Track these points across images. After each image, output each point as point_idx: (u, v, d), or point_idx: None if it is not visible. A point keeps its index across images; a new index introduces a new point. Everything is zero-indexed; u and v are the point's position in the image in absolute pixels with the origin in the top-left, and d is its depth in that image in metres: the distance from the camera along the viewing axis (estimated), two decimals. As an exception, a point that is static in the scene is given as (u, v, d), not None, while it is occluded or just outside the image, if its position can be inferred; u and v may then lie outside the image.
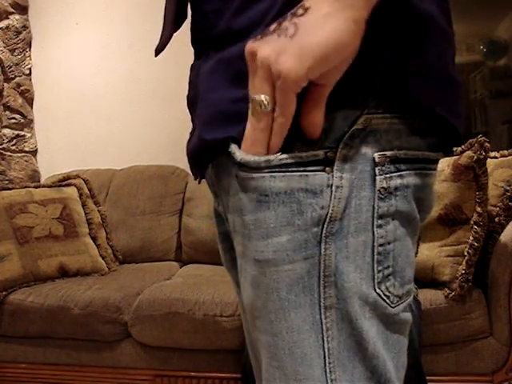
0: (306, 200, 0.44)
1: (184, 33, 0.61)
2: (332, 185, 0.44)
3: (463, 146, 1.49)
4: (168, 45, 0.59)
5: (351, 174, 0.45)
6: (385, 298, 0.46)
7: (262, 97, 0.42)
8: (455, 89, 0.48)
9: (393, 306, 0.47)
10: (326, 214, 0.45)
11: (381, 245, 0.46)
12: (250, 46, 0.42)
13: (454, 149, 1.54)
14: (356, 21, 0.39)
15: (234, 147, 0.46)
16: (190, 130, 0.58)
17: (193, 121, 0.57)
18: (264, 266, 0.46)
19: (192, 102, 0.57)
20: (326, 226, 0.45)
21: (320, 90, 0.42)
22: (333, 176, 0.44)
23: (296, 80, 0.40)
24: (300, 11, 0.40)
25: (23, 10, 2.57)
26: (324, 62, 0.39)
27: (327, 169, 0.44)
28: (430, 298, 1.44)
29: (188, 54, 0.59)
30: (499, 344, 1.43)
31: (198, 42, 0.56)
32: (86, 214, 2.08)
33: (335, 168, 0.44)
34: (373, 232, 0.45)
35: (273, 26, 0.41)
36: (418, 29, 0.45)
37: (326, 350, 0.45)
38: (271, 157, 0.44)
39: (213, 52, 0.51)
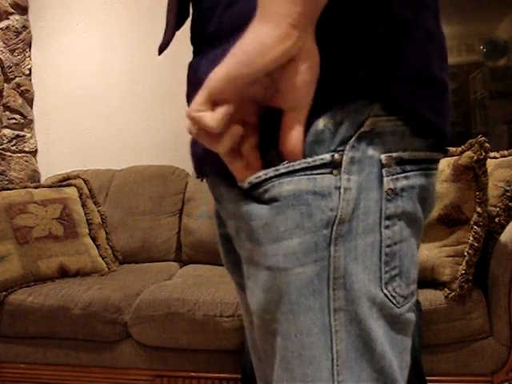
0: (314, 202, 0.45)
1: (184, 33, 0.61)
2: (340, 187, 0.45)
3: (463, 146, 1.49)
4: (168, 46, 0.59)
5: (359, 176, 0.45)
6: (391, 298, 0.47)
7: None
8: (439, 88, 0.48)
9: (399, 306, 0.47)
10: (335, 216, 0.45)
11: (388, 246, 0.46)
12: None
13: (454, 149, 1.54)
14: (279, 25, 0.39)
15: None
16: (190, 131, 0.58)
17: None
18: (274, 269, 0.46)
19: (191, 101, 0.57)
20: (335, 228, 0.45)
21: (287, 116, 0.43)
22: (340, 178, 0.45)
23: (214, 85, 0.41)
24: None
25: (23, 10, 2.57)
26: (246, 64, 0.40)
27: (334, 171, 0.45)
28: (430, 298, 1.44)
29: (188, 55, 0.59)
30: (499, 344, 1.43)
31: (196, 39, 0.56)
32: (85, 214, 2.08)
33: (342, 170, 0.45)
34: (380, 233, 0.46)
35: None
36: (398, 32, 0.45)
37: (335, 353, 0.46)
38: (278, 166, 0.45)
39: (207, 48, 0.52)
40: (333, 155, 0.44)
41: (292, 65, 0.41)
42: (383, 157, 0.45)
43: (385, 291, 0.46)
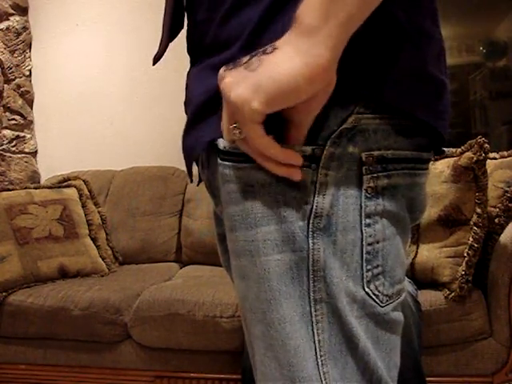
0: (290, 193, 0.45)
1: (185, 35, 0.61)
2: (316, 181, 0.45)
3: (463, 147, 1.49)
4: (168, 47, 0.60)
5: (337, 172, 0.45)
6: (374, 297, 0.47)
7: (231, 127, 0.43)
8: (436, 88, 0.48)
9: (382, 305, 0.47)
10: (311, 210, 0.45)
11: (369, 244, 0.46)
12: (220, 75, 0.43)
13: (449, 150, 1.54)
14: (312, 66, 0.39)
15: (220, 140, 0.48)
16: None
17: None
18: (254, 255, 0.47)
19: (187, 107, 0.58)
20: (311, 221, 0.45)
21: (292, 126, 0.44)
22: (317, 173, 0.45)
23: (251, 112, 0.41)
24: (269, 49, 0.41)
25: (23, 11, 2.57)
26: (277, 99, 0.40)
27: (313, 165, 0.45)
28: (430, 298, 1.44)
29: (188, 57, 0.60)
30: (499, 345, 1.43)
31: (192, 49, 0.57)
32: (85, 214, 2.08)
33: (321, 165, 0.45)
34: (361, 231, 0.46)
35: (244, 59, 0.42)
36: (390, 34, 0.45)
37: (317, 343, 0.46)
38: None
39: (204, 59, 0.53)
40: (314, 149, 0.45)
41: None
42: (363, 155, 0.45)
43: (366, 289, 0.46)
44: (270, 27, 0.45)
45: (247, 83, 0.40)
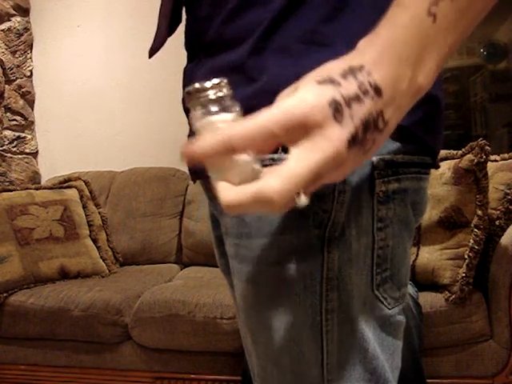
0: (308, 202, 0.45)
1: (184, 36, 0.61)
2: (335, 189, 0.45)
3: (464, 149, 1.49)
4: (168, 48, 0.59)
5: (352, 178, 0.45)
6: (382, 299, 0.47)
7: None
8: (430, 105, 0.48)
9: (390, 308, 0.48)
10: (329, 218, 0.45)
11: (380, 247, 0.46)
12: (341, 152, 0.32)
13: (449, 152, 1.53)
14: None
15: None
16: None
17: (190, 124, 0.58)
18: (268, 262, 0.46)
19: (185, 105, 0.57)
20: (328, 228, 0.45)
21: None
22: None
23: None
24: (381, 124, 0.34)
25: (25, 12, 2.58)
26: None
27: None
28: (431, 301, 1.44)
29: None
30: (499, 347, 1.43)
31: (191, 45, 0.56)
32: (86, 215, 2.08)
33: None
34: (373, 235, 0.46)
35: (360, 129, 0.33)
36: None
37: (325, 352, 0.46)
38: (275, 155, 0.44)
39: (204, 57, 0.52)
40: None
41: None
42: (375, 159, 0.45)
43: (376, 292, 0.47)
44: (281, 31, 0.44)
45: (350, 164, 0.35)
